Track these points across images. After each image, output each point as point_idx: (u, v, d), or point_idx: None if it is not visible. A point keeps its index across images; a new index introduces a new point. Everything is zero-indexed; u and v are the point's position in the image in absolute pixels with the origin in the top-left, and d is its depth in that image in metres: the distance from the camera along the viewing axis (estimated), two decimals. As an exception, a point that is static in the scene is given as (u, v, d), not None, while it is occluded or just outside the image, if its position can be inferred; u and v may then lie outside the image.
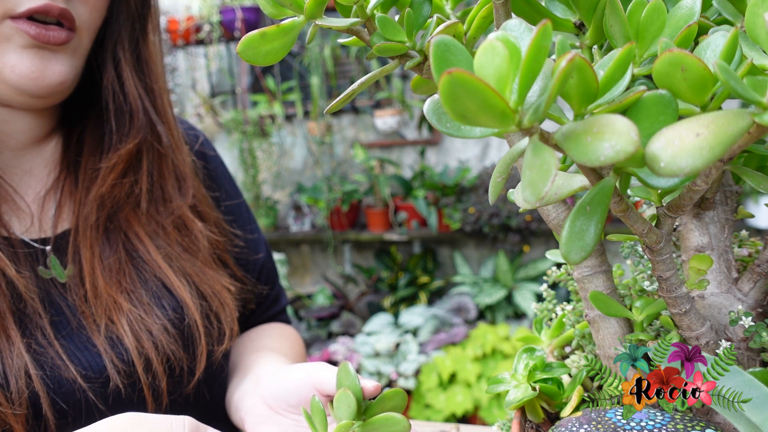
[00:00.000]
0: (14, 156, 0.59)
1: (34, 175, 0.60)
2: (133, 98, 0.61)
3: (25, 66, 0.52)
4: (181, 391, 0.60)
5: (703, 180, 0.26)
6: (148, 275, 0.60)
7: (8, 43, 0.51)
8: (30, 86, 0.53)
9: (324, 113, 2.47)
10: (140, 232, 0.61)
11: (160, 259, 0.61)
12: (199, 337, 0.60)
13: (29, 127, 0.59)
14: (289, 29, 0.31)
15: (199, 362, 0.60)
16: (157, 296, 0.59)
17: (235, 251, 0.71)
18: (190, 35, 2.74)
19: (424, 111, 0.26)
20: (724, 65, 0.21)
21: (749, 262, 0.40)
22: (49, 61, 0.53)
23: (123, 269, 0.59)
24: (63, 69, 0.54)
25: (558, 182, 0.28)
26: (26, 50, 0.52)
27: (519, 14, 0.35)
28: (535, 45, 0.21)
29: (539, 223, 2.44)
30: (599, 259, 0.37)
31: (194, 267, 0.63)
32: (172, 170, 0.64)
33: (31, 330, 0.53)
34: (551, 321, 0.46)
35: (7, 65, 0.51)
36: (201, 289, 0.62)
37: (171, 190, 0.64)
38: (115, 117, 0.61)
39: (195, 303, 0.60)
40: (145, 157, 0.62)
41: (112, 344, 0.56)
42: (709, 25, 0.31)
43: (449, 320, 2.49)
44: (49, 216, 0.59)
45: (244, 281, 0.71)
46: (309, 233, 2.89)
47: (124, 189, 0.61)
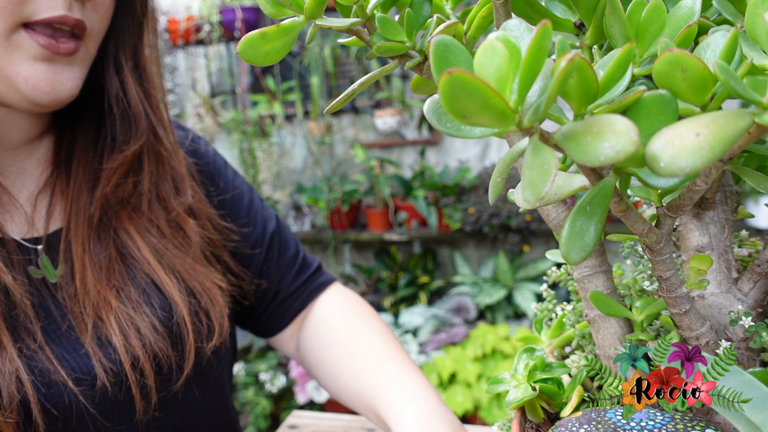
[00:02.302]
0: (8, 156, 0.59)
1: (27, 174, 0.61)
2: (135, 103, 0.62)
3: (38, 79, 0.52)
4: (170, 389, 0.60)
5: (703, 180, 0.26)
6: (137, 272, 0.60)
7: (20, 52, 0.51)
8: (43, 98, 0.53)
9: (324, 113, 2.47)
10: (131, 229, 0.62)
11: (150, 255, 0.61)
12: (187, 334, 0.60)
13: (25, 128, 0.59)
14: (289, 29, 0.31)
15: (187, 359, 0.60)
16: (146, 294, 0.60)
17: (231, 246, 0.71)
18: (190, 35, 2.74)
19: (424, 111, 0.26)
20: (724, 65, 0.21)
21: (749, 262, 0.40)
22: (61, 73, 0.53)
23: (113, 266, 0.59)
24: (74, 80, 0.55)
25: (558, 182, 0.28)
26: (39, 62, 0.52)
27: (519, 14, 0.35)
28: (535, 45, 0.21)
29: (539, 223, 2.44)
30: (599, 259, 0.37)
31: (184, 264, 0.63)
32: (169, 172, 0.65)
33: (22, 335, 0.53)
34: (551, 321, 0.46)
35: (21, 76, 0.52)
36: (190, 285, 0.62)
37: (168, 189, 0.65)
38: (119, 121, 0.62)
39: (184, 300, 0.61)
40: (146, 159, 0.63)
41: (100, 344, 0.56)
42: (709, 25, 0.31)
43: (449, 320, 2.49)
44: (42, 215, 0.60)
45: (242, 276, 0.71)
46: (309, 233, 2.89)
47: (127, 189, 0.62)
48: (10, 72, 0.51)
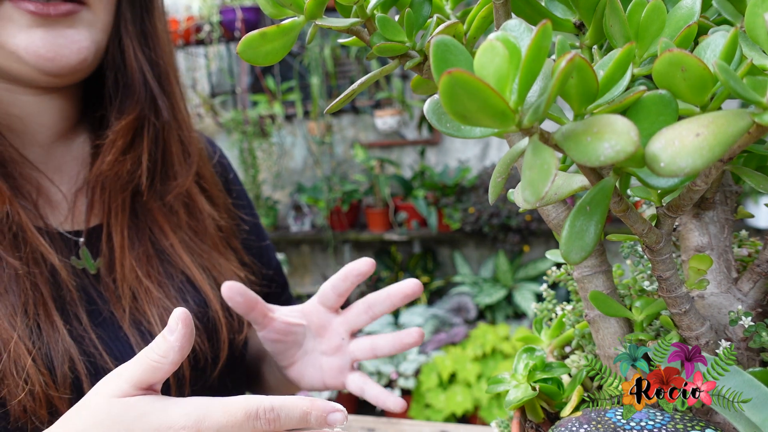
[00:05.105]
0: (43, 152, 0.59)
1: (64, 172, 0.61)
2: (132, 70, 0.59)
3: (37, 46, 0.50)
4: (205, 381, 0.62)
5: (703, 180, 0.26)
6: (173, 270, 0.62)
7: (12, 23, 0.50)
8: (47, 65, 0.51)
9: (324, 113, 2.47)
10: (165, 227, 0.63)
11: (183, 252, 0.63)
12: (221, 329, 0.62)
13: (54, 119, 0.59)
14: (289, 29, 0.31)
15: (221, 352, 0.62)
16: (182, 291, 0.62)
17: (242, 236, 0.73)
18: (190, 35, 2.74)
19: (424, 111, 0.26)
20: (724, 65, 0.21)
21: (749, 262, 0.40)
22: (63, 36, 0.51)
23: (151, 262, 0.61)
24: (80, 43, 0.52)
25: (558, 182, 0.28)
26: (33, 29, 0.50)
27: (519, 14, 0.35)
28: (535, 45, 0.21)
29: (539, 223, 2.44)
30: (599, 259, 0.37)
31: (211, 258, 0.65)
32: (179, 146, 0.64)
33: (69, 318, 0.54)
34: (551, 321, 0.46)
35: (20, 47, 0.50)
36: (218, 280, 0.64)
37: (177, 166, 0.63)
38: (113, 91, 0.60)
39: (215, 295, 0.63)
40: (146, 132, 0.61)
41: (141, 334, 0.57)
42: (709, 25, 0.31)
43: (449, 320, 2.49)
44: (81, 211, 0.61)
45: (251, 266, 0.73)
46: (309, 233, 2.89)
47: (126, 167, 0.59)
48: (10, 45, 0.50)
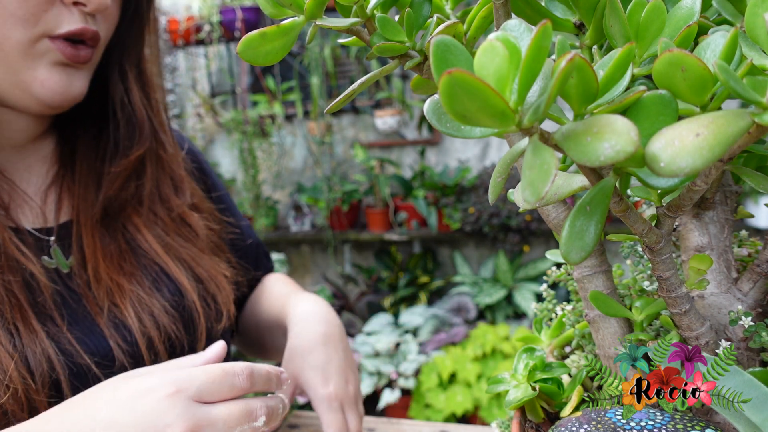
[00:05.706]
0: (15, 153, 0.62)
1: (34, 171, 0.64)
2: (139, 109, 0.65)
3: (54, 82, 0.55)
4: None
5: (703, 180, 0.26)
6: (146, 261, 0.64)
7: (41, 59, 0.54)
8: (56, 100, 0.56)
9: (324, 113, 2.47)
10: (138, 223, 0.65)
11: (158, 246, 0.65)
12: (198, 317, 0.64)
13: (30, 127, 0.62)
14: (289, 29, 0.31)
15: (199, 341, 0.64)
16: (157, 281, 0.63)
17: (229, 238, 0.76)
18: (190, 35, 2.74)
19: (424, 111, 0.26)
20: (723, 65, 0.21)
21: (749, 262, 0.40)
22: (73, 77, 0.57)
23: (123, 256, 0.63)
24: (83, 84, 0.59)
25: (558, 182, 0.28)
26: (55, 67, 0.55)
27: (519, 14, 0.35)
28: (535, 45, 0.21)
29: (539, 223, 2.44)
30: (599, 259, 0.37)
31: (190, 253, 0.67)
32: (169, 174, 0.69)
33: (45, 319, 0.55)
34: (551, 321, 0.46)
35: (37, 79, 0.55)
36: (197, 272, 0.66)
37: (168, 191, 0.69)
38: (124, 127, 0.65)
39: (192, 285, 0.64)
40: (148, 162, 0.66)
41: (116, 327, 0.59)
42: (709, 25, 0.31)
43: (449, 320, 2.49)
44: (51, 208, 0.63)
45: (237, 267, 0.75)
46: (309, 233, 2.89)
47: (130, 191, 0.65)
48: (26, 76, 0.54)
